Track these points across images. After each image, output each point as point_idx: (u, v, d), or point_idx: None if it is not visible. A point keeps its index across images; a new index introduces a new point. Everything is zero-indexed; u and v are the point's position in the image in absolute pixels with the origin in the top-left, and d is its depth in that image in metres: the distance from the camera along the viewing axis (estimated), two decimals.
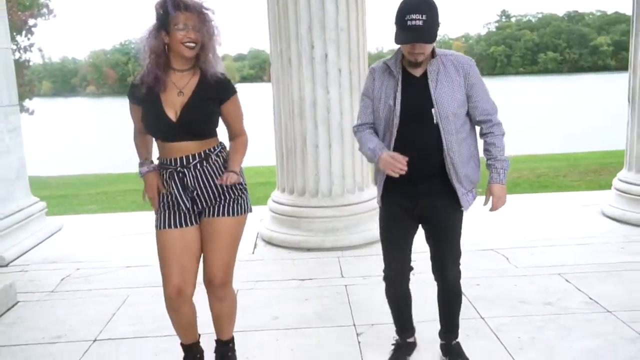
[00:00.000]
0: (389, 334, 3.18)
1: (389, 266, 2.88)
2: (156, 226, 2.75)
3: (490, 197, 2.74)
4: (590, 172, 10.68)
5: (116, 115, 44.25)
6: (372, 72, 2.76)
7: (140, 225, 6.15)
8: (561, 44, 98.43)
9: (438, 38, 2.65)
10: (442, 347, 3.07)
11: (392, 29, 2.58)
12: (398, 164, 2.56)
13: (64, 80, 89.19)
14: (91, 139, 25.68)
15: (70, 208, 6.77)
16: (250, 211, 2.81)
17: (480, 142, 2.81)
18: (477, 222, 5.57)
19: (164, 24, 2.56)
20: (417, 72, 2.66)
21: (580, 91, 45.86)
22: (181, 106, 2.60)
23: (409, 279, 2.95)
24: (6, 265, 4.95)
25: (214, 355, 2.98)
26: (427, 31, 2.49)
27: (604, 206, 5.75)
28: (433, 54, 2.66)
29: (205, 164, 2.66)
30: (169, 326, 2.87)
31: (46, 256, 5.19)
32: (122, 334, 3.51)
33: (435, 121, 2.60)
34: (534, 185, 9.63)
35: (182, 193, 2.67)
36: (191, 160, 2.64)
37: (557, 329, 3.33)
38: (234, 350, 3.01)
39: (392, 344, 3.10)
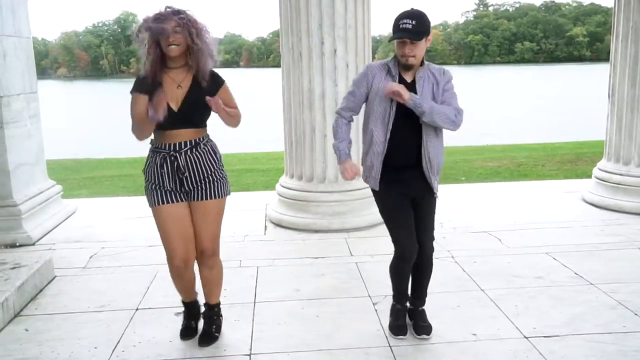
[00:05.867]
0: None
1: (406, 247, 3.24)
2: (151, 204, 3.17)
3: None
4: (567, 161, 11.17)
5: (90, 99, 43.73)
6: (370, 68, 3.19)
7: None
8: (538, 34, 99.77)
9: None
10: (410, 312, 3.48)
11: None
12: (351, 173, 3.18)
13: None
14: (66, 123, 25.15)
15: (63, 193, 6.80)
16: (229, 194, 3.25)
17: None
18: (470, 208, 6.07)
19: (154, 35, 2.97)
20: (408, 78, 3.14)
21: (556, 81, 46.76)
22: (181, 98, 3.03)
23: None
24: (33, 244, 5.28)
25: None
26: (415, 33, 2.98)
27: (584, 193, 6.27)
28: (422, 64, 3.14)
29: (195, 151, 3.08)
30: None
31: (69, 236, 5.52)
32: (161, 304, 3.88)
33: (421, 120, 3.05)
34: (514, 174, 10.07)
35: (170, 175, 3.08)
36: (183, 147, 3.06)
37: (548, 299, 3.81)
38: (220, 314, 3.45)
39: (394, 309, 3.47)
